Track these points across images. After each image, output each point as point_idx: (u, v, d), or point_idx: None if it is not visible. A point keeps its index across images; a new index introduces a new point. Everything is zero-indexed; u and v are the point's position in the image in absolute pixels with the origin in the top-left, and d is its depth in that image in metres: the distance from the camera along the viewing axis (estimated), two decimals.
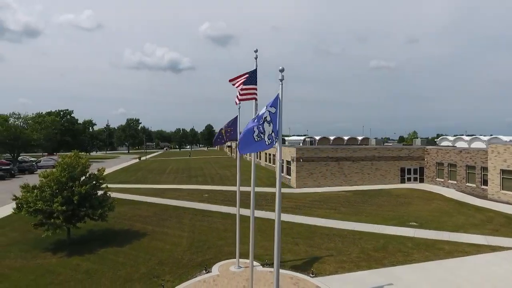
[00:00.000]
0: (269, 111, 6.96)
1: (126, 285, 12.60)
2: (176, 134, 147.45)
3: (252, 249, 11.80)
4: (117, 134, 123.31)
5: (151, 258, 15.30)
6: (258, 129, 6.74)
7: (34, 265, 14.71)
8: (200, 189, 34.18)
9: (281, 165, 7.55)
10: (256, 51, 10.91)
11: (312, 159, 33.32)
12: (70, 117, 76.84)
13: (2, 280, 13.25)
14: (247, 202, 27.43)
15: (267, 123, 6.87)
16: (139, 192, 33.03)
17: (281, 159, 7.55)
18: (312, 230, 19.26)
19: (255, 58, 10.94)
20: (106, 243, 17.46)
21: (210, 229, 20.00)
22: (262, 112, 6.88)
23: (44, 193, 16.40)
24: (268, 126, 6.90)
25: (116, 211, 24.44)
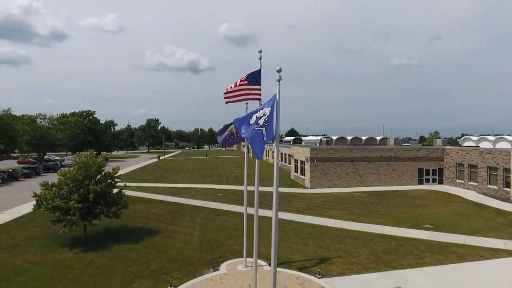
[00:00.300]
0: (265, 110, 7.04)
1: (136, 281, 12.97)
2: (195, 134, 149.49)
3: (256, 249, 11.87)
4: (138, 134, 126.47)
5: (162, 255, 15.67)
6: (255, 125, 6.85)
7: (52, 259, 15.38)
8: (214, 189, 34.57)
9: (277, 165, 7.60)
10: (260, 52, 11.00)
11: (326, 159, 33.00)
12: (92, 118, 79.54)
13: (22, 273, 13.94)
14: (261, 201, 27.54)
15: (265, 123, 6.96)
16: (156, 190, 33.78)
17: (279, 158, 7.60)
18: (323, 230, 19.12)
19: (259, 58, 11.02)
20: (120, 240, 18.01)
21: (221, 228, 20.22)
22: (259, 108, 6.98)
23: (62, 190, 17.15)
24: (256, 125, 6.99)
25: (131, 209, 25.27)
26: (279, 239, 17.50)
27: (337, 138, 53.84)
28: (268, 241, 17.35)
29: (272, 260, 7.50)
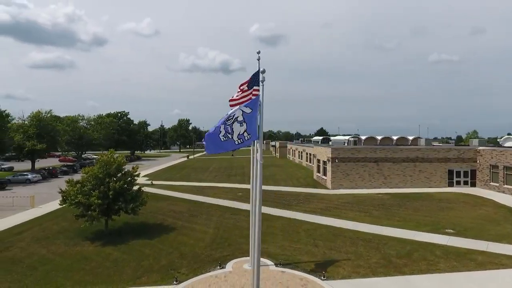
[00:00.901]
0: (243, 111, 7.13)
1: (145, 275, 13.58)
2: None
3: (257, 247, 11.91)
4: (170, 133, 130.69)
5: (173, 252, 16.23)
6: (225, 129, 6.96)
7: (74, 251, 16.47)
8: (235, 188, 35.01)
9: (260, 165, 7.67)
10: (258, 53, 11.06)
11: (348, 159, 32.27)
12: (126, 118, 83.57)
13: (46, 263, 15.07)
14: (278, 201, 27.66)
15: (238, 123, 7.05)
16: (179, 189, 34.80)
17: (262, 159, 7.68)
18: (337, 232, 18.80)
19: (258, 59, 11.08)
20: (138, 235, 18.85)
21: (235, 226, 20.51)
22: (232, 112, 7.08)
23: (85, 187, 18.28)
24: (240, 126, 7.08)
25: (154, 206, 26.37)
26: (289, 239, 17.61)
27: (366, 138, 52.32)
28: (280, 241, 17.45)
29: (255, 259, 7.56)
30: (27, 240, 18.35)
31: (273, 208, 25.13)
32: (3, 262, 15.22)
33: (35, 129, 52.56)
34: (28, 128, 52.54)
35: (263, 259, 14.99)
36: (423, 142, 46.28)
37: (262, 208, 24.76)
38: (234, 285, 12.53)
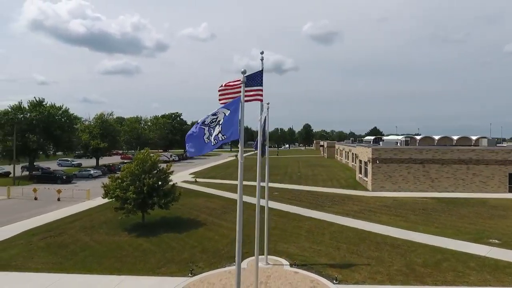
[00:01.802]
0: (224, 114, 7.37)
1: (166, 266, 14.50)
2: (274, 134, 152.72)
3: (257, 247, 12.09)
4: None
5: (197, 246, 17.02)
6: (209, 132, 7.23)
7: (111, 240, 18.13)
8: (273, 187, 35.18)
9: (242, 165, 7.83)
10: (262, 53, 11.20)
11: (391, 160, 30.50)
12: (180, 119, 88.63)
13: (86, 249, 16.84)
14: (312, 202, 27.25)
15: (218, 126, 7.30)
16: (218, 186, 36.03)
17: (242, 159, 7.85)
18: (364, 236, 18.05)
19: (261, 59, 11.23)
20: (170, 229, 20.04)
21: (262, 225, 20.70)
22: (215, 115, 7.34)
23: (124, 183, 19.99)
24: (219, 128, 7.31)
25: (192, 202, 27.78)
26: (312, 241, 17.36)
27: (422, 138, 48.83)
28: (301, 241, 17.31)
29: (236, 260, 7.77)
30: (76, 228, 20.61)
31: (305, 209, 24.86)
32: (52, 245, 17.35)
33: (99, 130, 58.31)
34: (93, 129, 58.47)
35: (279, 259, 15.11)
36: (485, 142, 41.77)
37: (294, 208, 24.67)
38: (244, 281, 12.76)
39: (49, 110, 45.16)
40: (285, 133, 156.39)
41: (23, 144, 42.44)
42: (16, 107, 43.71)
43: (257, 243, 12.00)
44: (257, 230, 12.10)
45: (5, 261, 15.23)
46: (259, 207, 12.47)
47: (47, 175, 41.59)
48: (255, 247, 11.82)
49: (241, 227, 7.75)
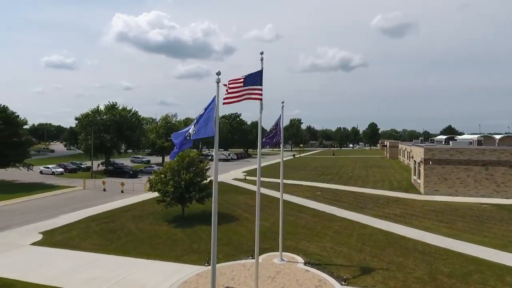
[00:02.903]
0: (200, 114, 8.04)
1: (188, 254, 15.71)
2: (337, 133, 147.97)
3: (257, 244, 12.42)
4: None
5: (223, 239, 17.95)
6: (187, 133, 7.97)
7: (152, 229, 20.12)
8: (318, 187, 34.75)
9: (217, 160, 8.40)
10: (262, 53, 11.57)
11: (446, 161, 27.78)
12: (239, 119, 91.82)
13: (130, 235, 19.00)
14: (353, 203, 26.35)
15: (193, 125, 7.98)
16: (265, 184, 36.69)
17: (218, 155, 8.40)
18: (394, 240, 17.08)
19: (261, 60, 11.59)
20: (205, 222, 21.36)
21: (292, 223, 20.90)
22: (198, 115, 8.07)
23: (165, 178, 21.96)
24: (193, 127, 7.98)
25: (234, 198, 29.05)
26: (337, 242, 17.15)
27: (502, 137, 43.35)
28: (325, 242, 17.13)
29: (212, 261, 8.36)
30: (128, 217, 23.24)
31: (342, 210, 24.23)
32: (104, 230, 19.92)
33: (164, 130, 63.73)
34: (159, 129, 64.10)
35: (296, 256, 15.24)
36: None
37: (330, 209, 24.16)
38: (253, 274, 13.29)
39: (120, 112, 50.97)
40: (348, 133, 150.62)
41: (100, 143, 48.65)
42: (95, 110, 50.29)
43: (257, 241, 12.37)
44: (257, 227, 12.47)
45: (66, 240, 18.05)
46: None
47: (118, 170, 47.04)
48: (255, 245, 12.23)
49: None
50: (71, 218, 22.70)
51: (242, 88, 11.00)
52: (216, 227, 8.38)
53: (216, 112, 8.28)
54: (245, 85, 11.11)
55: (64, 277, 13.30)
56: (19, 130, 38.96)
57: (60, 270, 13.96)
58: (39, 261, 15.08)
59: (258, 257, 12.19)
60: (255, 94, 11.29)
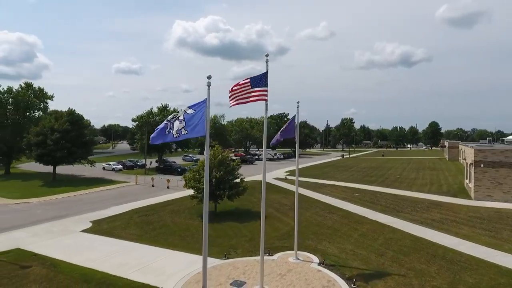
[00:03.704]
0: (185, 112, 8.68)
1: (210, 248, 16.20)
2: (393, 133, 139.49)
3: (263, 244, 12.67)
4: (333, 133, 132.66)
5: (247, 235, 18.60)
6: (169, 126, 8.64)
7: (184, 223, 21.49)
8: (358, 188, 33.65)
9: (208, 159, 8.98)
10: (267, 55, 11.88)
11: (500, 164, 25.05)
12: (286, 119, 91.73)
13: (164, 227, 20.54)
14: (390, 206, 25.18)
15: (178, 121, 8.61)
16: (303, 184, 36.52)
17: (208, 153, 8.98)
18: (422, 247, 16.14)
19: (266, 62, 11.90)
20: (234, 219, 22.20)
21: (319, 223, 20.79)
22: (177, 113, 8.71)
23: (198, 175, 23.27)
24: (179, 124, 8.61)
25: (269, 197, 29.47)
26: (359, 244, 16.84)
27: None
28: (347, 243, 16.88)
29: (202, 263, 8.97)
30: (166, 211, 25.04)
31: (376, 212, 23.36)
32: (143, 222, 21.75)
33: (212, 130, 66.59)
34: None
35: (312, 256, 15.28)
36: None
37: (363, 210, 23.70)
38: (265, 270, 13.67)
39: (171, 113, 54.52)
40: (406, 132, 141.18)
41: None
42: (149, 112, 54.48)
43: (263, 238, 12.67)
44: (262, 225, 12.78)
45: (110, 229, 20.14)
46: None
47: (168, 167, 50.37)
48: (261, 242, 12.55)
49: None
50: (118, 210, 25.15)
51: (249, 90, 11.45)
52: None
53: (207, 113, 8.87)
54: (252, 87, 11.55)
55: (99, 261, 15.00)
56: (84, 130, 43.79)
57: (99, 255, 15.76)
58: (83, 246, 17.16)
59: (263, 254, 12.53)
60: (261, 95, 11.65)
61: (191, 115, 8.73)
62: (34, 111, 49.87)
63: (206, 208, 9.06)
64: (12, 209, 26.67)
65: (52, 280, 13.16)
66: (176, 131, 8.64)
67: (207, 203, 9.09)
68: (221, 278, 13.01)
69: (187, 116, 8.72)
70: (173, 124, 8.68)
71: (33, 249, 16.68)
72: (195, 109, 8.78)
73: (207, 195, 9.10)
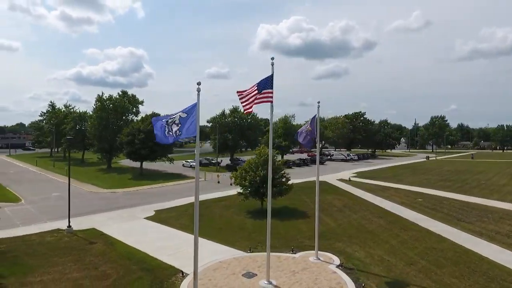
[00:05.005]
0: (180, 116, 9.82)
1: (241, 241, 17.59)
2: (498, 132, 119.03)
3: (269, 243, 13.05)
4: (421, 132, 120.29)
5: (281, 233, 19.13)
6: (168, 128, 9.85)
7: (231, 217, 22.96)
8: (424, 193, 30.77)
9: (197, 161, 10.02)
10: (272, 59, 12.32)
11: None
12: (363, 118, 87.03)
13: (211, 220, 22.34)
14: (452, 214, 22.73)
15: (175, 125, 9.77)
16: (364, 186, 34.95)
17: (199, 151, 10.01)
18: (462, 260, 14.51)
19: (272, 64, 12.34)
20: (278, 217, 22.62)
21: (359, 226, 20.13)
22: (173, 116, 9.86)
23: (244, 174, 24.62)
24: (176, 127, 9.76)
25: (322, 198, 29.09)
26: (392, 251, 16.56)
27: None
28: (379, 249, 16.37)
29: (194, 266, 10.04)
30: (219, 206, 26.96)
31: (432, 220, 21.44)
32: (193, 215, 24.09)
33: (282, 130, 67.69)
34: (278, 129, 68.40)
35: (334, 257, 15.20)
36: None
37: (417, 217, 22.85)
38: (279, 266, 14.19)
39: (241, 115, 57.43)
40: None
41: (224, 142, 56.30)
42: (221, 114, 58.40)
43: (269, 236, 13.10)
44: (269, 223, 13.22)
45: (165, 218, 22.80)
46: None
47: (236, 165, 53.26)
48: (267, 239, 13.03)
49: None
50: (179, 202, 28.12)
51: (256, 94, 12.18)
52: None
53: (197, 116, 9.92)
54: (259, 91, 12.24)
55: (146, 243, 17.43)
56: None
57: (148, 238, 18.28)
58: (139, 230, 20.05)
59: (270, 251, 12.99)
60: (267, 97, 12.25)
61: (185, 118, 9.90)
62: (128, 115, 58.28)
63: (197, 197, 10.13)
64: (101, 196, 32.09)
65: (106, 255, 15.94)
66: (174, 132, 9.93)
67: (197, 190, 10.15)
68: (237, 269, 13.97)
69: (182, 119, 9.91)
70: (171, 127, 9.99)
71: (103, 229, 20.17)
72: (187, 112, 9.93)
73: (197, 187, 10.15)
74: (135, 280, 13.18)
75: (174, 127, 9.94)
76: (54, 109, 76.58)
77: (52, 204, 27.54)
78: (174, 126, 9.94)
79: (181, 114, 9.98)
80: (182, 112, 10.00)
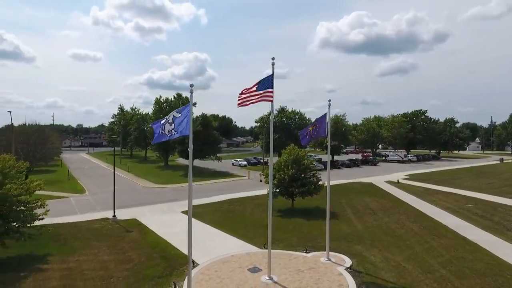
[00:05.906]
0: (174, 116, 10.63)
1: (259, 237, 18.01)
2: None
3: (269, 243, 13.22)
4: (497, 132, 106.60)
5: (301, 232, 19.17)
6: (162, 128, 10.71)
7: (259, 215, 23.34)
8: (477, 199, 27.85)
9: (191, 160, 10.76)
10: (273, 59, 12.54)
11: None
12: (424, 117, 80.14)
13: (239, 217, 23.14)
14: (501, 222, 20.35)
15: (169, 124, 10.59)
16: (410, 189, 32.71)
17: (191, 149, 10.73)
18: (491, 272, 13.24)
19: (272, 64, 12.55)
20: (306, 216, 22.69)
21: (385, 230, 19.26)
22: (168, 117, 10.69)
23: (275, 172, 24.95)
24: (169, 126, 10.55)
25: (359, 199, 28.68)
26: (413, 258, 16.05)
27: None
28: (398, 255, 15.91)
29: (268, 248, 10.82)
30: (251, 203, 27.43)
31: (475, 228, 19.66)
32: (227, 211, 24.91)
33: (332, 129, 66.02)
34: None
35: (346, 259, 15.00)
36: None
37: (460, 224, 21.58)
38: (288, 263, 14.36)
39: (288, 115, 57.56)
40: None
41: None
42: (269, 114, 59.20)
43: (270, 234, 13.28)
44: (269, 221, 13.40)
45: (199, 213, 24.05)
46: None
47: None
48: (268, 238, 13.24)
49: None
50: (217, 199, 29.43)
51: (256, 92, 12.59)
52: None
53: (190, 115, 10.67)
54: (258, 90, 12.62)
55: (173, 234, 18.85)
56: (212, 131, 51.89)
57: (176, 230, 19.70)
58: (172, 223, 21.65)
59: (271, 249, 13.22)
60: (267, 96, 12.57)
61: (179, 118, 10.74)
62: None
63: (190, 200, 10.90)
64: (151, 191, 35.05)
65: (136, 242, 17.69)
66: (168, 132, 10.83)
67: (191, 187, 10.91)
68: (245, 263, 14.49)
69: (176, 119, 10.77)
70: (165, 126, 10.90)
71: (142, 220, 22.24)
72: (181, 112, 10.75)
73: (191, 182, 10.91)
74: (152, 266, 14.51)
75: (167, 127, 10.83)
76: (123, 111, 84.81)
77: (109, 196, 31.00)
78: (167, 125, 10.82)
79: (176, 114, 10.83)
80: (176, 112, 10.86)
